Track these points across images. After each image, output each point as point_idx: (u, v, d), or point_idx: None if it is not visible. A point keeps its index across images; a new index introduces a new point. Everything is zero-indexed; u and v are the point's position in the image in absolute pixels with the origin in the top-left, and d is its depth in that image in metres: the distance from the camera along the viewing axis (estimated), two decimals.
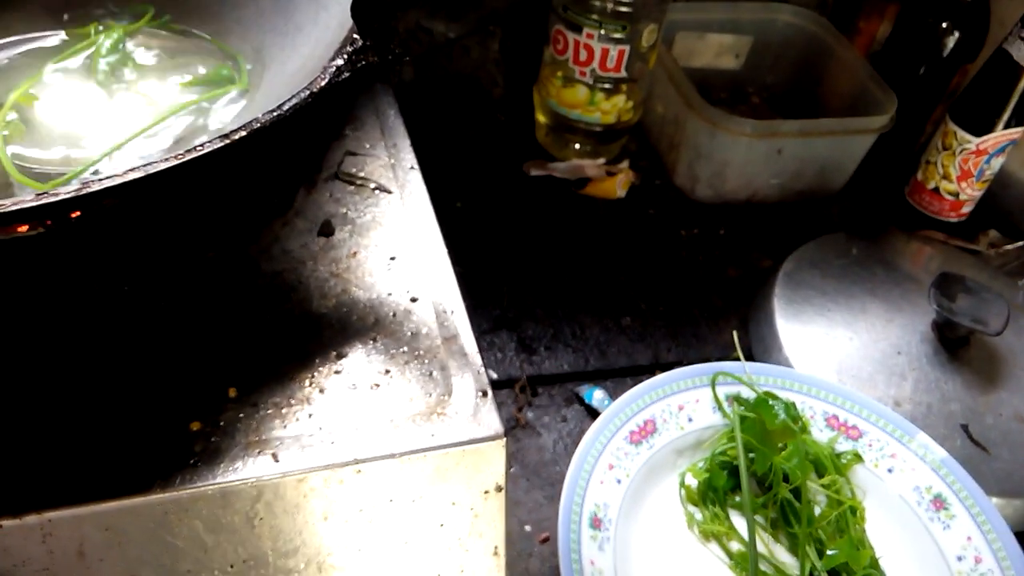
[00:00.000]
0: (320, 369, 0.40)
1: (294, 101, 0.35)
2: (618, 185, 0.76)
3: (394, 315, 0.43)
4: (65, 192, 0.29)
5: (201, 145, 0.32)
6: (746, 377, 0.56)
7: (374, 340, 0.42)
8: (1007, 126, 0.72)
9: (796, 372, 0.58)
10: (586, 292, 0.68)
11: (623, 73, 0.72)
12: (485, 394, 0.40)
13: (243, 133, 0.33)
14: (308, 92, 0.36)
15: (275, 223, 0.47)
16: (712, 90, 0.89)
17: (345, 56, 0.38)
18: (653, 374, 0.63)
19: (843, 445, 0.56)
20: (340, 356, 0.41)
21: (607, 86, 0.73)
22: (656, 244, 0.74)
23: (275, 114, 0.34)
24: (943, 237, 0.78)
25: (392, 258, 0.46)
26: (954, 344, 0.62)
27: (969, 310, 0.61)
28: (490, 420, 0.39)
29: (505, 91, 0.85)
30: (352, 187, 0.50)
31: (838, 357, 0.62)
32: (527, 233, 0.73)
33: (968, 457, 0.57)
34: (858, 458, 0.55)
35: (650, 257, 0.72)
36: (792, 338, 0.63)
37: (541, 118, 0.79)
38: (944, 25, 0.76)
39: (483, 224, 0.73)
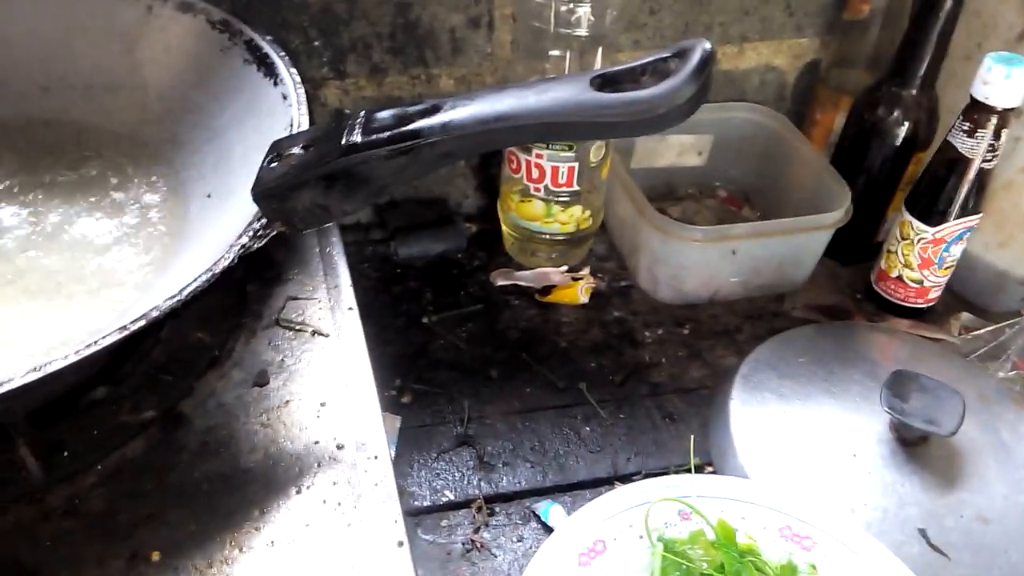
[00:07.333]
0: (241, 527, 0.42)
1: (196, 285, 0.38)
2: (579, 291, 0.78)
3: (319, 464, 0.45)
4: None
5: (95, 342, 0.35)
6: (691, 497, 0.57)
7: (297, 492, 0.43)
8: (959, 216, 0.72)
9: (745, 483, 0.58)
10: (547, 403, 0.69)
11: (576, 187, 0.74)
12: (401, 544, 0.42)
13: (142, 323, 0.36)
14: (211, 274, 0.39)
15: (212, 376, 0.49)
16: (680, 186, 0.92)
17: (251, 233, 0.41)
18: (613, 486, 0.64)
19: (800, 555, 0.56)
20: (263, 512, 0.42)
21: (563, 199, 0.75)
22: (619, 348, 0.75)
23: (175, 299, 0.37)
24: (908, 326, 0.78)
25: (322, 404, 0.48)
26: (911, 444, 0.62)
27: (922, 410, 0.60)
28: (405, 571, 0.40)
29: (476, 201, 0.88)
30: (291, 333, 0.52)
31: (793, 461, 0.62)
32: (492, 345, 0.74)
33: (928, 564, 0.56)
34: (814, 569, 0.55)
35: (612, 362, 0.73)
36: (747, 443, 0.63)
37: (506, 229, 0.82)
38: (894, 115, 0.77)
39: (451, 338, 0.75)
